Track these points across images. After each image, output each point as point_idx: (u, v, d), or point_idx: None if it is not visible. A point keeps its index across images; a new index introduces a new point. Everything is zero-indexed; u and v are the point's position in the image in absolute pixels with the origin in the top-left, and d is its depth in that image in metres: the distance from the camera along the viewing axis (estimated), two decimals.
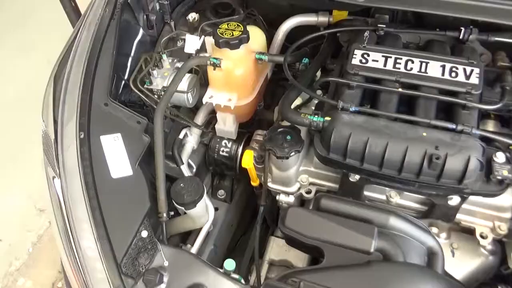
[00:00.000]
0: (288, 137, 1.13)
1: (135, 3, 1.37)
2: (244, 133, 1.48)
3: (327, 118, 1.02)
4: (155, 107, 1.22)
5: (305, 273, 0.85)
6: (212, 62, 1.22)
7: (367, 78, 1.06)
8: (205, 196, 1.16)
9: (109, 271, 0.94)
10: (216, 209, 1.54)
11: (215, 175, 1.58)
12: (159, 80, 1.34)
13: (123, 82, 1.37)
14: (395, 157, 0.95)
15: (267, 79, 1.46)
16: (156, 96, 1.32)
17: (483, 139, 0.99)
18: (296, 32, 1.41)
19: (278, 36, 1.47)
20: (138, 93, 1.27)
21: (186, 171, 1.34)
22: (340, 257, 0.88)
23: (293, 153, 1.11)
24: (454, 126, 0.94)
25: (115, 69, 1.29)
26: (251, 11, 1.56)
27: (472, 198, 1.04)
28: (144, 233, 1.02)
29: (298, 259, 1.33)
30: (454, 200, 1.01)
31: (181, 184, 1.13)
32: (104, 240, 0.96)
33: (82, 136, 1.08)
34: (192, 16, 1.52)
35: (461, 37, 1.11)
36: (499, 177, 0.92)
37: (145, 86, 1.33)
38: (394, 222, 0.92)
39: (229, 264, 1.04)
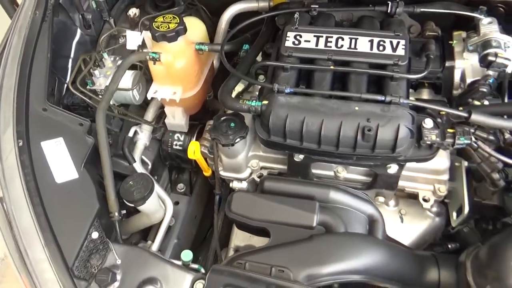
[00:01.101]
0: (232, 124, 1.14)
1: (68, 4, 1.34)
2: (196, 125, 1.48)
3: (265, 102, 1.04)
4: None
5: (250, 254, 0.87)
6: (151, 57, 1.21)
7: (302, 59, 1.09)
8: (156, 191, 1.16)
9: (60, 276, 0.93)
10: (176, 203, 1.56)
11: (173, 170, 1.58)
12: (102, 79, 1.32)
13: (65, 85, 1.34)
14: (331, 133, 0.98)
15: (213, 69, 1.46)
16: (100, 96, 1.30)
17: (417, 107, 1.03)
18: (242, 19, 1.41)
19: (221, 24, 1.47)
20: (79, 94, 1.25)
21: (139, 169, 1.34)
22: (285, 235, 0.91)
23: (238, 140, 1.12)
24: (383, 98, 0.97)
25: (54, 72, 1.27)
26: (191, 1, 1.55)
27: (411, 164, 1.08)
28: (95, 235, 1.02)
29: (262, 243, 1.36)
30: (393, 168, 1.05)
31: (130, 182, 1.13)
32: (52, 246, 0.96)
33: (21, 144, 1.06)
34: (133, 11, 1.50)
35: (389, 11, 1.14)
36: (428, 142, 0.96)
37: (88, 87, 1.31)
38: (335, 195, 0.95)
39: (186, 255, 1.05)
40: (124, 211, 1.14)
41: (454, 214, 1.15)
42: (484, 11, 1.18)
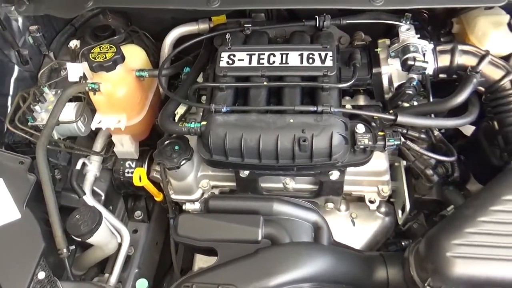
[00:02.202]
0: (176, 147, 1.15)
1: (1, 42, 1.32)
2: (148, 150, 1.47)
3: (203, 123, 1.05)
4: None
5: (197, 276, 0.87)
6: (90, 88, 1.21)
7: (237, 77, 1.12)
8: (105, 222, 1.14)
9: None
10: (134, 231, 1.53)
11: (128, 198, 1.56)
12: (44, 114, 1.30)
13: (5, 124, 1.31)
14: (270, 147, 1.00)
15: (159, 93, 1.47)
16: None
17: (352, 114, 1.08)
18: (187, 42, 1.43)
19: (164, 49, 1.49)
20: (18, 132, 1.22)
21: (90, 201, 1.32)
22: (232, 252, 0.91)
23: (183, 162, 1.13)
24: (315, 108, 1.01)
25: None
26: (132, 28, 1.57)
27: (353, 169, 1.12)
28: (42, 275, 0.99)
29: None
30: (334, 175, 1.08)
31: (77, 216, 1.11)
32: None
33: None
34: (73, 43, 1.49)
35: (317, 25, 1.20)
36: (362, 147, 1.01)
37: (29, 123, 1.29)
38: (278, 207, 0.98)
39: (141, 284, 1.04)
40: (73, 247, 1.11)
41: (400, 212, 1.19)
42: (409, 17, 1.25)
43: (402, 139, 1.03)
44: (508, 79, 1.07)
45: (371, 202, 1.19)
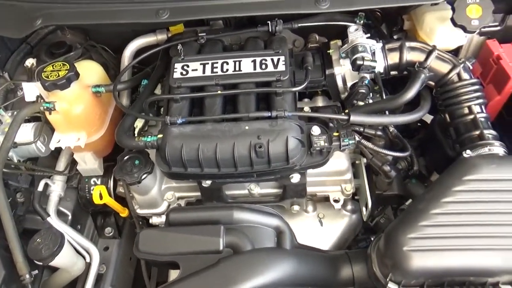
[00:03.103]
0: (137, 162, 1.14)
1: None
2: (113, 166, 1.44)
3: (159, 136, 1.05)
4: None
5: None
6: (45, 108, 1.19)
7: (192, 87, 1.11)
8: (68, 243, 1.12)
9: None
10: (106, 248, 1.51)
11: (97, 215, 1.53)
12: (1, 137, 1.27)
13: None
14: (227, 155, 1.00)
15: None
16: None
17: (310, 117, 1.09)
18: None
19: (123, 61, 1.47)
20: None
21: (55, 222, 1.29)
22: (194, 265, 0.91)
23: (144, 176, 1.12)
24: (269, 114, 1.02)
25: None
26: (90, 43, 1.54)
27: (316, 170, 1.13)
28: None
29: None
30: (295, 177, 1.09)
31: (38, 239, 1.09)
32: None
33: None
34: (30, 62, 1.47)
35: (270, 30, 1.21)
36: (318, 148, 1.02)
37: None
38: (238, 215, 0.97)
39: None
40: (36, 271, 1.09)
41: (364, 209, 1.21)
42: (362, 17, 1.28)
43: (357, 138, 1.04)
44: (455, 73, 1.10)
45: (336, 201, 1.21)
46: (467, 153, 1.01)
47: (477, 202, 0.88)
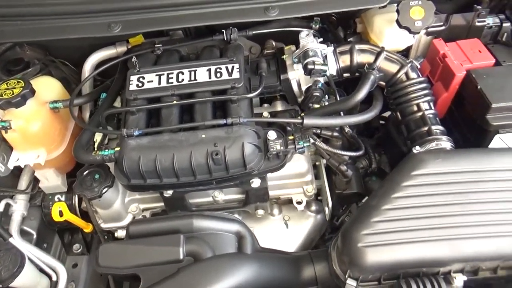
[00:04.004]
0: (97, 176, 1.14)
1: None
2: None
3: (116, 149, 1.05)
4: None
5: None
6: (0, 126, 1.17)
7: (149, 99, 1.12)
8: (29, 263, 1.10)
9: None
10: (75, 265, 1.49)
11: (64, 232, 1.51)
12: None
13: None
14: (184, 165, 1.01)
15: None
16: None
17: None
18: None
19: (84, 75, 1.46)
20: None
21: (18, 243, 1.26)
22: (155, 276, 0.91)
23: (105, 190, 1.12)
24: (225, 121, 1.03)
25: None
26: (49, 58, 1.53)
27: (277, 173, 1.15)
28: None
29: None
30: (255, 182, 1.11)
31: None
32: None
33: None
34: None
35: (225, 38, 1.23)
36: (274, 153, 1.04)
37: None
38: (198, 223, 0.98)
39: None
40: None
41: (326, 209, 1.24)
42: (318, 21, 1.32)
43: (312, 140, 1.07)
44: (403, 72, 1.14)
45: (299, 203, 1.23)
46: (417, 149, 1.05)
47: (425, 195, 0.92)
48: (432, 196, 0.92)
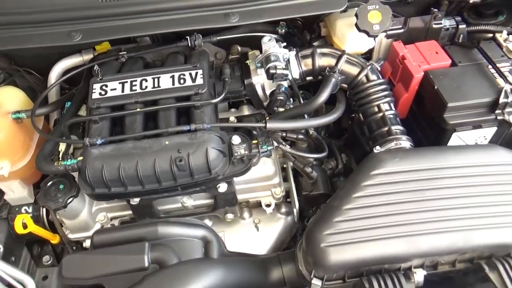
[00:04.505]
0: (61, 186, 1.12)
1: None
2: None
3: (79, 158, 1.04)
4: None
5: None
6: None
7: (112, 107, 1.11)
8: None
9: None
10: (45, 277, 1.46)
11: (33, 244, 1.48)
12: None
13: None
14: (149, 172, 1.01)
15: (49, 130, 1.42)
16: None
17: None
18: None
19: (50, 84, 1.45)
20: None
21: None
22: (120, 285, 0.91)
23: (69, 200, 1.11)
24: (188, 127, 1.04)
25: None
26: (13, 68, 1.50)
27: (244, 177, 1.16)
28: None
29: None
30: (222, 187, 1.11)
31: None
32: None
33: None
34: None
35: (190, 44, 1.23)
36: (238, 157, 1.05)
37: None
38: (163, 230, 0.98)
39: None
40: None
41: (294, 210, 1.25)
42: (284, 26, 1.34)
43: (275, 144, 1.09)
44: (364, 74, 1.17)
45: (268, 205, 1.24)
46: (377, 149, 1.08)
47: (384, 194, 0.94)
48: (391, 195, 0.95)
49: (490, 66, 1.19)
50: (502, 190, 0.96)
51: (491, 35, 1.32)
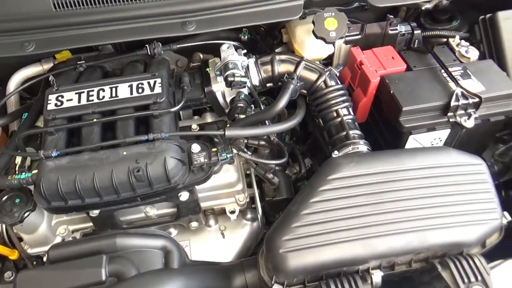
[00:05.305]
0: (17, 200, 1.09)
1: None
2: None
3: (34, 171, 1.02)
4: None
5: None
6: None
7: (69, 118, 1.09)
8: None
9: None
10: None
11: None
12: None
13: None
14: (106, 183, 1.00)
15: (6, 142, 1.38)
16: None
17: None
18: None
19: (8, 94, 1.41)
20: None
21: None
22: None
23: (26, 214, 1.08)
24: (146, 137, 1.03)
25: None
26: None
27: (207, 185, 1.15)
28: None
29: None
30: (184, 195, 1.11)
31: None
32: None
33: None
34: None
35: (149, 53, 1.23)
36: (198, 165, 1.05)
37: None
38: (121, 242, 0.97)
39: None
40: None
41: (259, 216, 1.26)
42: (246, 32, 1.35)
43: (235, 151, 1.09)
44: (322, 80, 1.20)
45: (232, 212, 1.24)
46: (335, 154, 1.10)
47: (340, 198, 0.96)
48: (348, 198, 0.96)
49: (442, 70, 1.23)
50: (454, 191, 1.00)
51: (445, 39, 1.37)
